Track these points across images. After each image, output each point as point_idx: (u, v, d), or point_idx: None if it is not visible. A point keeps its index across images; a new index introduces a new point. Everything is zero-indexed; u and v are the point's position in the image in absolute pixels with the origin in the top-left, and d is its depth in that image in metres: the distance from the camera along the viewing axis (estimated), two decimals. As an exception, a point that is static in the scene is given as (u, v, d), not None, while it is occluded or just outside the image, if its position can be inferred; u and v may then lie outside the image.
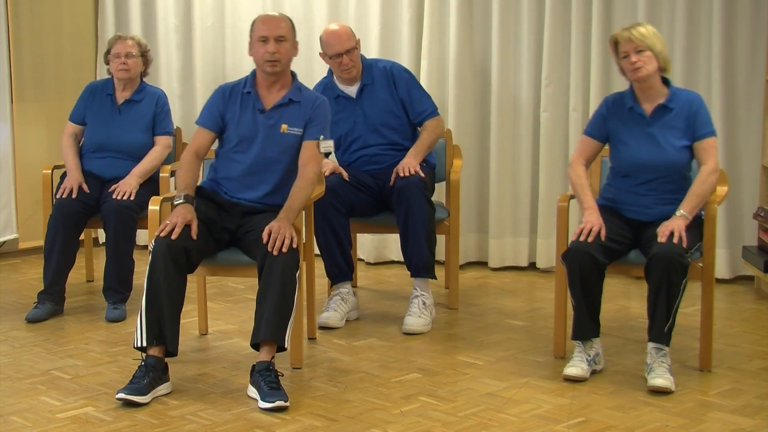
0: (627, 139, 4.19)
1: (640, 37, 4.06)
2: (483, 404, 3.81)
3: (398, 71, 5.09)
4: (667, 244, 3.91)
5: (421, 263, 4.82)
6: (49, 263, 4.95)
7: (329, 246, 4.84)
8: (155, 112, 5.20)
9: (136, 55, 5.18)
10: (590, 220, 4.06)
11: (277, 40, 4.14)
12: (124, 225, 4.91)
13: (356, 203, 4.90)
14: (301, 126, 4.19)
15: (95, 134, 5.18)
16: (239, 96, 4.24)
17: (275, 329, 3.84)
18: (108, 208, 4.92)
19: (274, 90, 4.22)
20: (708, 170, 4.09)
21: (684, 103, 4.15)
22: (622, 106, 4.22)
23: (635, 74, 4.09)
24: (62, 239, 4.92)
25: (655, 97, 4.16)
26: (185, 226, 3.94)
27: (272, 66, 4.15)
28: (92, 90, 5.28)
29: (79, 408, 3.76)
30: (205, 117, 4.28)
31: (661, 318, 3.93)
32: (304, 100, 4.22)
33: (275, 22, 4.19)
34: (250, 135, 4.20)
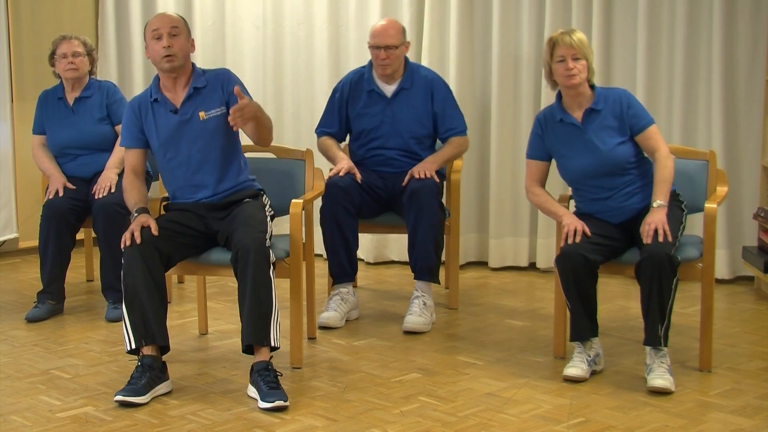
0: (566, 152, 4.21)
1: (580, 46, 4.08)
2: (483, 404, 3.81)
3: (439, 83, 5.09)
4: (654, 246, 3.92)
5: (426, 267, 4.82)
6: (44, 263, 4.97)
7: (335, 245, 4.84)
8: (107, 103, 5.19)
9: (82, 54, 5.17)
10: (569, 222, 4.08)
11: (170, 35, 4.10)
12: (113, 222, 4.89)
13: (363, 205, 4.90)
14: (219, 106, 4.13)
15: (56, 138, 5.20)
16: (148, 106, 4.19)
17: (256, 332, 3.85)
18: (96, 207, 4.93)
19: (179, 87, 4.17)
20: (663, 155, 4.10)
21: (611, 101, 4.16)
22: (553, 120, 4.23)
23: (569, 80, 4.09)
24: (55, 238, 4.93)
25: (582, 103, 4.17)
26: (145, 228, 3.96)
27: (169, 60, 4.09)
28: (44, 98, 5.29)
29: (79, 407, 3.76)
30: (126, 137, 4.25)
31: (654, 320, 3.93)
32: (210, 82, 4.17)
33: (167, 17, 4.18)
34: (174, 138, 4.15)
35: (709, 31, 5.52)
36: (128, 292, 3.89)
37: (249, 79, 6.39)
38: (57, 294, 5.02)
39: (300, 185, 4.49)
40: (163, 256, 3.98)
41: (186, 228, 4.11)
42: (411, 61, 5.15)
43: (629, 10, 5.67)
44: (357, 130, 5.10)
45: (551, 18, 5.76)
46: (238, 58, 6.42)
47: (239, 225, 4.00)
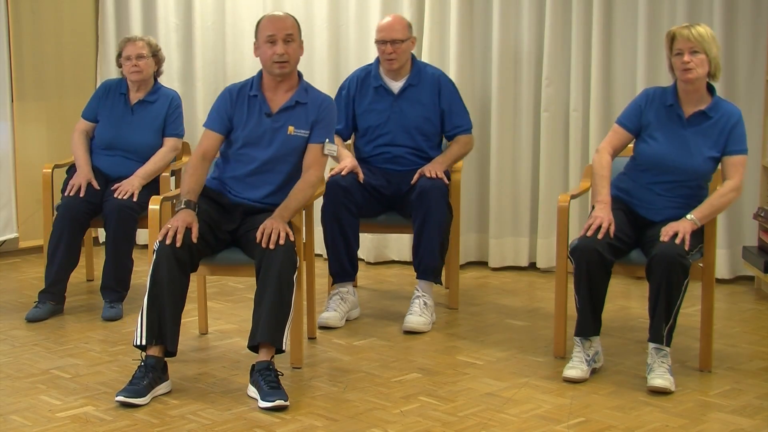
0: (659, 136, 4.15)
1: (698, 38, 4.00)
2: (483, 404, 3.81)
3: (446, 81, 5.10)
4: (668, 245, 3.91)
5: (430, 267, 4.82)
6: (52, 263, 4.95)
7: (336, 245, 4.84)
8: (167, 114, 5.20)
9: (147, 56, 5.17)
10: (601, 216, 4.04)
11: (285, 41, 4.11)
12: (125, 224, 4.91)
13: (364, 204, 4.90)
14: (307, 128, 4.17)
15: (106, 133, 5.19)
16: (246, 98, 4.21)
17: (272, 332, 3.84)
18: (109, 207, 4.92)
19: (281, 92, 4.20)
20: (731, 186, 4.07)
21: (724, 114, 4.11)
22: (663, 101, 4.16)
23: (685, 75, 4.03)
24: (67, 240, 4.92)
25: (697, 101, 4.11)
26: (187, 230, 3.94)
27: (281, 67, 4.12)
28: (107, 88, 5.28)
29: (79, 407, 3.76)
30: (213, 119, 4.24)
31: (660, 318, 3.93)
32: (311, 101, 4.20)
33: (283, 21, 4.17)
34: (257, 138, 4.18)
35: (709, 31, 5.52)
36: (153, 288, 3.87)
37: (249, 79, 6.40)
38: (58, 295, 5.01)
39: (300, 185, 4.48)
40: (194, 258, 3.98)
41: (213, 230, 4.08)
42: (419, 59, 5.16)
43: (629, 9, 5.67)
44: (364, 126, 5.09)
45: (551, 17, 5.76)
46: (238, 58, 6.42)
47: None
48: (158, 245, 3.92)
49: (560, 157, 5.88)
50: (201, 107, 6.37)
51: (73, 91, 6.51)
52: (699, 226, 4.01)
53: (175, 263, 3.89)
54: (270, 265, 3.88)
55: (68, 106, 6.35)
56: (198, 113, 6.34)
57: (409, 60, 5.05)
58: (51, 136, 6.43)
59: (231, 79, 6.13)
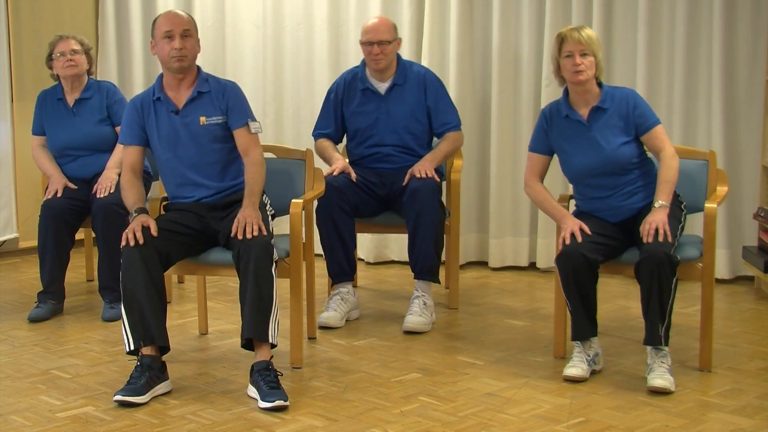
0: (569, 149, 4.20)
1: (588, 41, 4.08)
2: (483, 404, 3.81)
3: (431, 79, 5.10)
4: (653, 245, 3.91)
5: (426, 266, 4.82)
6: (44, 264, 4.97)
7: (332, 245, 4.84)
8: (108, 104, 5.18)
9: (80, 52, 5.16)
10: (568, 225, 4.07)
11: (182, 36, 4.12)
12: (112, 222, 4.89)
13: (360, 203, 4.90)
14: (219, 114, 4.17)
15: (56, 139, 5.19)
16: (150, 105, 4.20)
17: (255, 326, 3.85)
18: (96, 207, 4.93)
19: (183, 88, 4.20)
20: (668, 155, 4.10)
21: (618, 101, 4.16)
22: (559, 115, 4.22)
23: (576, 77, 4.09)
24: (53, 239, 4.93)
25: (589, 100, 4.17)
26: (145, 228, 3.96)
27: (179, 61, 4.12)
28: (43, 99, 5.27)
29: (79, 407, 3.76)
30: (126, 134, 4.26)
31: (655, 320, 3.93)
32: (213, 89, 4.20)
33: (179, 17, 4.18)
34: (173, 138, 4.17)
35: (709, 31, 5.52)
36: (127, 292, 3.90)
37: (249, 79, 6.40)
38: (57, 294, 5.02)
39: (300, 185, 4.49)
40: (162, 256, 3.99)
41: (185, 228, 4.11)
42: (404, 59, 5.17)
43: (629, 9, 5.67)
44: (353, 128, 5.10)
45: (551, 17, 5.76)
46: (238, 58, 6.42)
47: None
48: (123, 252, 3.94)
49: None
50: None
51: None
52: (668, 207, 4.02)
53: (142, 262, 3.90)
54: (247, 260, 3.89)
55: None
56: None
57: (395, 60, 5.06)
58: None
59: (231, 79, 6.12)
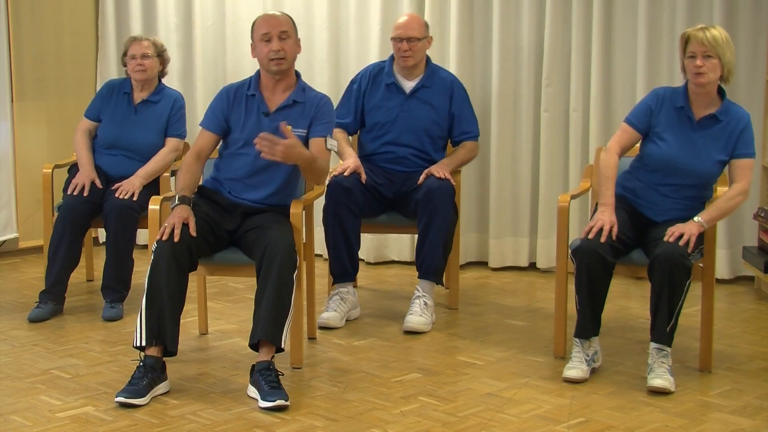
0: (668, 138, 4.13)
1: (713, 43, 3.98)
2: (483, 404, 3.81)
3: (458, 86, 5.12)
4: (670, 245, 3.90)
5: (432, 267, 4.82)
6: (53, 263, 4.94)
7: (337, 245, 4.84)
8: (170, 114, 5.20)
9: (151, 56, 5.17)
10: (603, 219, 4.03)
11: (280, 37, 4.12)
12: (125, 224, 4.91)
13: (365, 205, 4.90)
14: (304, 127, 4.18)
15: (109, 132, 5.18)
16: (243, 98, 4.22)
17: (271, 330, 3.84)
18: (109, 206, 4.92)
19: (279, 91, 4.21)
20: (738, 189, 4.06)
21: (733, 118, 4.10)
22: (673, 103, 4.15)
23: (697, 78, 4.02)
24: (68, 240, 4.92)
25: (707, 104, 4.11)
26: (184, 225, 3.94)
27: (278, 64, 4.13)
28: (110, 88, 5.28)
29: (79, 407, 3.76)
30: (209, 119, 4.26)
31: (662, 319, 3.93)
32: (308, 100, 4.21)
33: (277, 19, 4.19)
34: (255, 138, 4.19)
35: (710, 31, 5.52)
36: (152, 289, 3.86)
37: (249, 79, 6.40)
38: (59, 295, 5.01)
39: (300, 185, 4.48)
40: (193, 258, 3.98)
41: (212, 229, 4.08)
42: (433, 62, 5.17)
43: (629, 9, 5.67)
44: (371, 122, 5.08)
45: (551, 18, 5.76)
46: (238, 58, 6.42)
47: (271, 224, 4.03)
48: (156, 245, 3.92)
49: (560, 157, 5.88)
50: (201, 107, 6.36)
51: (73, 91, 6.51)
52: (705, 229, 4.01)
53: (174, 262, 3.88)
54: (271, 264, 3.88)
55: (68, 106, 6.35)
56: (198, 113, 6.32)
57: (424, 60, 5.06)
58: (51, 136, 6.42)
59: (231, 79, 6.10)
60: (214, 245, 4.12)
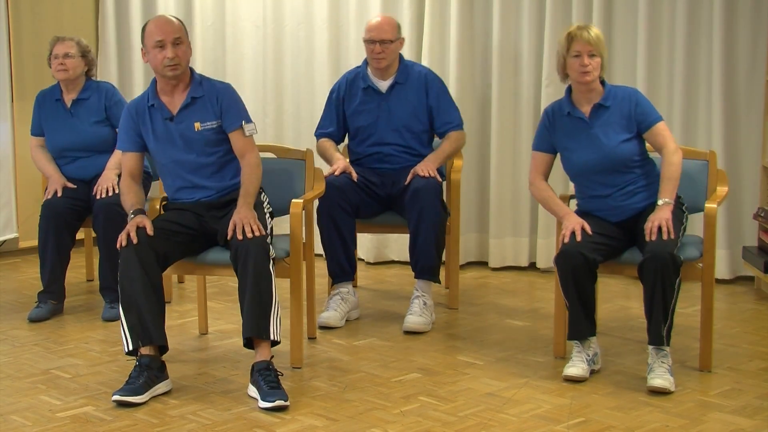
0: (571, 146, 4.21)
1: (597, 43, 4.09)
2: (483, 404, 3.81)
3: (433, 78, 5.11)
4: (657, 244, 3.92)
5: (427, 266, 4.82)
6: (44, 264, 4.97)
7: (333, 245, 4.84)
8: (107, 106, 5.15)
9: (74, 56, 5.12)
10: (569, 224, 4.07)
11: (174, 44, 4.09)
12: (113, 222, 4.88)
13: (361, 204, 4.90)
14: (213, 119, 4.16)
15: (55, 140, 5.18)
16: (145, 111, 4.20)
17: (256, 324, 3.85)
18: (96, 207, 4.92)
19: (177, 93, 4.19)
20: (670, 151, 4.11)
21: (621, 99, 4.17)
22: (561, 113, 4.24)
23: (583, 77, 4.10)
24: (54, 238, 4.93)
25: (593, 98, 4.18)
26: (141, 229, 3.96)
27: (173, 70, 4.10)
28: (41, 99, 5.25)
29: (79, 407, 3.76)
30: (124, 141, 4.26)
31: (658, 320, 3.93)
32: (207, 92, 4.18)
33: (170, 25, 4.14)
34: (169, 144, 4.18)
35: (709, 31, 5.52)
36: (124, 293, 3.90)
37: (249, 79, 6.41)
38: (58, 294, 5.02)
39: (300, 185, 4.49)
40: (160, 256, 3.98)
41: (183, 227, 4.11)
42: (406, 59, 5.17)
43: (629, 9, 5.67)
44: (354, 127, 5.11)
45: (551, 17, 5.76)
46: (238, 58, 6.42)
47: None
48: (120, 252, 3.95)
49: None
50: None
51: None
52: (672, 204, 4.03)
53: (138, 262, 3.90)
54: (246, 258, 3.89)
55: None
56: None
57: (397, 59, 5.07)
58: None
59: (231, 79, 6.12)
60: (193, 241, 4.13)
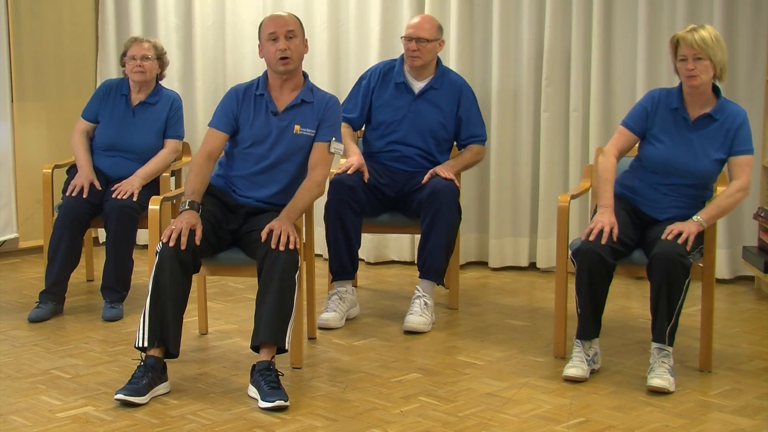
0: (665, 139, 4.15)
1: (702, 45, 3.99)
2: (483, 404, 3.81)
3: (467, 90, 5.12)
4: (669, 244, 3.91)
5: (434, 268, 4.82)
6: (53, 263, 4.94)
7: (338, 242, 4.84)
8: (168, 116, 5.19)
9: (152, 58, 5.16)
10: (602, 220, 4.03)
11: (287, 37, 4.14)
12: (125, 224, 4.91)
13: (367, 204, 4.90)
14: (313, 127, 4.20)
15: (107, 134, 5.18)
16: (252, 98, 4.23)
17: (275, 331, 3.84)
18: (109, 207, 4.92)
19: (287, 91, 4.22)
20: (738, 186, 4.06)
21: (729, 116, 4.11)
22: (668, 104, 4.17)
23: (689, 81, 4.04)
24: (68, 240, 4.91)
25: (702, 104, 4.12)
26: (191, 232, 3.94)
27: (284, 64, 4.14)
28: (107, 89, 5.27)
29: (79, 407, 3.76)
30: (219, 119, 4.26)
31: (662, 318, 3.93)
32: (317, 100, 4.22)
33: (284, 19, 4.20)
34: (264, 137, 4.19)
35: (709, 31, 5.52)
36: (156, 291, 3.87)
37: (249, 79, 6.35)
38: (59, 295, 5.01)
39: (300, 185, 4.49)
40: (197, 260, 3.98)
41: (215, 231, 4.08)
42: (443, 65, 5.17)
43: (629, 9, 5.67)
44: (378, 120, 5.08)
45: (551, 18, 5.76)
46: (238, 58, 6.42)
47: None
48: (161, 246, 3.91)
49: (560, 157, 5.88)
50: (201, 107, 6.37)
51: (73, 91, 6.51)
52: (704, 228, 4.01)
53: (178, 265, 3.89)
54: (273, 265, 3.88)
55: (68, 106, 6.34)
56: (198, 113, 6.33)
57: (434, 62, 5.05)
58: (51, 136, 6.42)
59: (231, 79, 6.13)
60: (216, 246, 4.12)
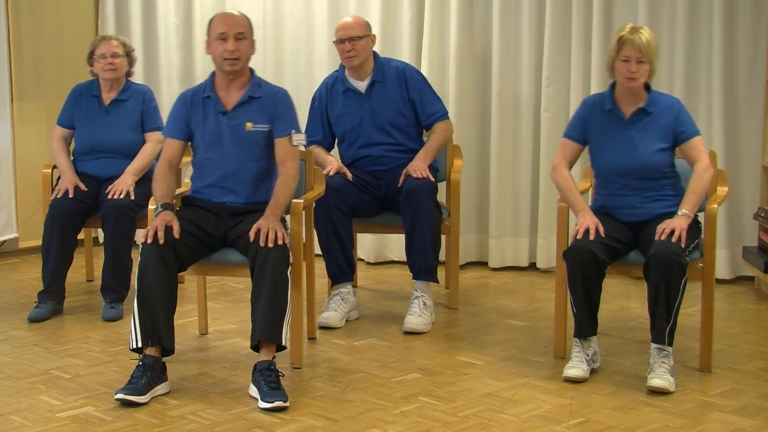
0: (605, 143, 4.21)
1: (647, 49, 4.05)
2: (483, 404, 3.81)
3: (411, 72, 5.09)
4: (664, 244, 3.91)
5: (424, 266, 4.82)
6: (47, 263, 4.96)
7: (331, 246, 4.84)
8: (143, 110, 5.19)
9: (121, 55, 5.16)
10: (585, 221, 4.07)
11: (236, 38, 4.12)
12: (123, 224, 4.91)
13: (359, 203, 4.90)
14: (266, 122, 4.18)
15: (85, 136, 5.19)
16: (200, 101, 4.22)
17: (270, 328, 3.85)
18: (106, 207, 4.93)
19: (234, 90, 4.21)
20: (702, 167, 4.11)
21: (663, 107, 4.17)
22: (602, 108, 4.23)
23: (629, 83, 4.10)
24: (59, 239, 4.93)
25: (636, 100, 4.18)
26: (168, 228, 3.95)
27: (231, 64, 4.13)
28: (78, 92, 5.26)
29: (79, 407, 3.76)
30: (171, 127, 4.27)
31: (661, 319, 3.93)
32: (265, 95, 4.21)
33: (234, 19, 4.18)
34: (216, 139, 4.19)
35: (709, 31, 5.52)
36: (142, 290, 3.89)
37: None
38: (58, 294, 5.02)
39: (300, 185, 4.48)
40: (180, 258, 3.99)
41: (201, 230, 4.10)
42: (383, 56, 5.15)
43: (629, 9, 5.67)
44: (340, 131, 5.10)
45: (551, 17, 5.76)
46: (238, 58, 6.41)
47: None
48: (142, 247, 3.94)
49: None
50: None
51: (73, 92, 6.51)
52: (693, 217, 4.04)
53: (161, 262, 3.90)
54: (264, 262, 3.89)
55: (68, 107, 6.35)
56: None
57: (371, 58, 5.05)
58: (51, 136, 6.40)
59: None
60: (208, 244, 4.12)
